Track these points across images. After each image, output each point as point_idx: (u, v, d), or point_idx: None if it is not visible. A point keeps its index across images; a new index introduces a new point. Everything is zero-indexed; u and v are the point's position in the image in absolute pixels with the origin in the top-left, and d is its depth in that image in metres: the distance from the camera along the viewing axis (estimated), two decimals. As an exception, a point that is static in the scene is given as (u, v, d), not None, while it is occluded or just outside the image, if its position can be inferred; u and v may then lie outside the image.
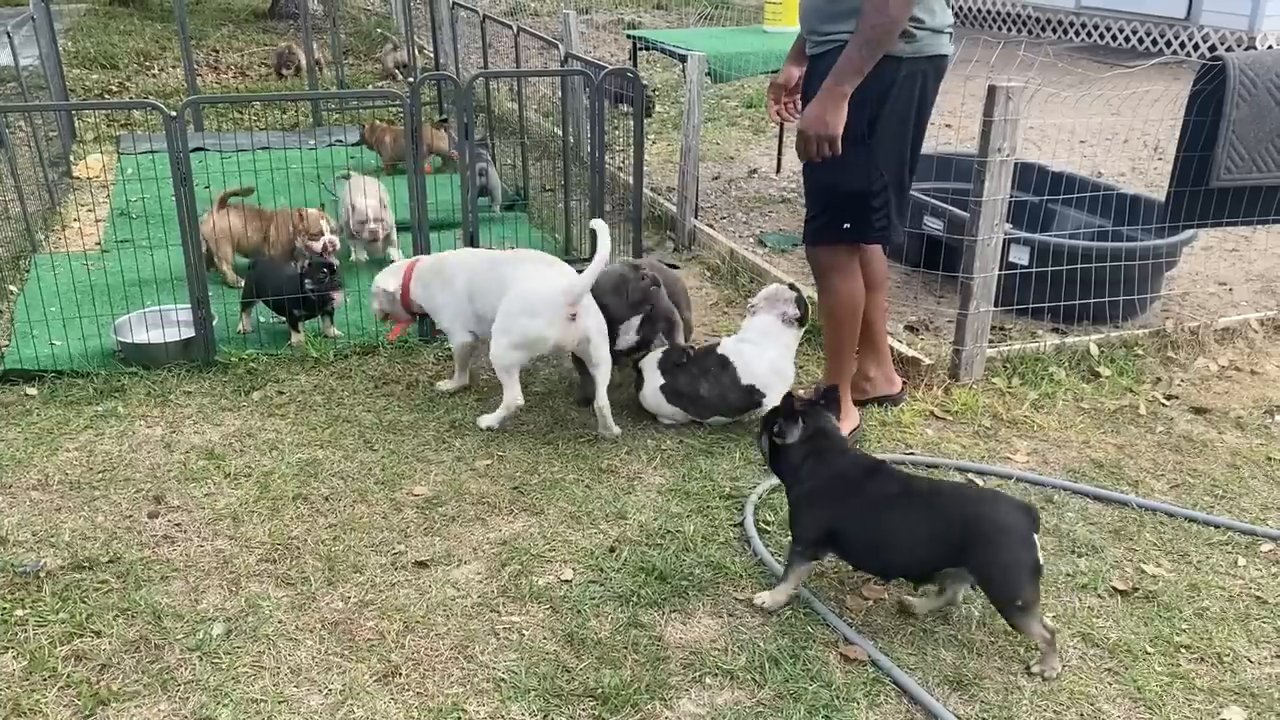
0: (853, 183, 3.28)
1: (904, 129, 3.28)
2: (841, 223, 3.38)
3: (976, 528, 2.58)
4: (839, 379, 3.65)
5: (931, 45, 3.19)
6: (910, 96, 3.22)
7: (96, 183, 6.52)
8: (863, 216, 3.34)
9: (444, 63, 8.76)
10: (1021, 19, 13.10)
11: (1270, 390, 4.11)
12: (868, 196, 3.31)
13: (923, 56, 3.18)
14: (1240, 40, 10.55)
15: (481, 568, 2.96)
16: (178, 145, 3.93)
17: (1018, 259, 4.46)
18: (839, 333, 3.60)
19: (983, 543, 2.57)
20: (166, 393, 3.96)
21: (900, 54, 3.13)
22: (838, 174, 3.26)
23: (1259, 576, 2.97)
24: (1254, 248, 5.64)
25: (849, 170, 3.25)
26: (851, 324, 3.57)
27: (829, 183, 3.32)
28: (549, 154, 7.19)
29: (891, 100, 3.18)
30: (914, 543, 2.66)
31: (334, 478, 3.41)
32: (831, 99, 3.09)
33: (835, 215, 3.37)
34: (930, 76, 3.24)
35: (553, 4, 14.37)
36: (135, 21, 13.00)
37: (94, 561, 2.96)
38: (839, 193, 3.32)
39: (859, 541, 2.73)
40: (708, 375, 3.67)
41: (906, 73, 3.16)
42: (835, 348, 3.64)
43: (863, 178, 3.27)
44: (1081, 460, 3.58)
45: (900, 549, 2.68)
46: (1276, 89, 4.01)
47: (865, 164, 3.26)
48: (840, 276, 3.49)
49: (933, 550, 2.63)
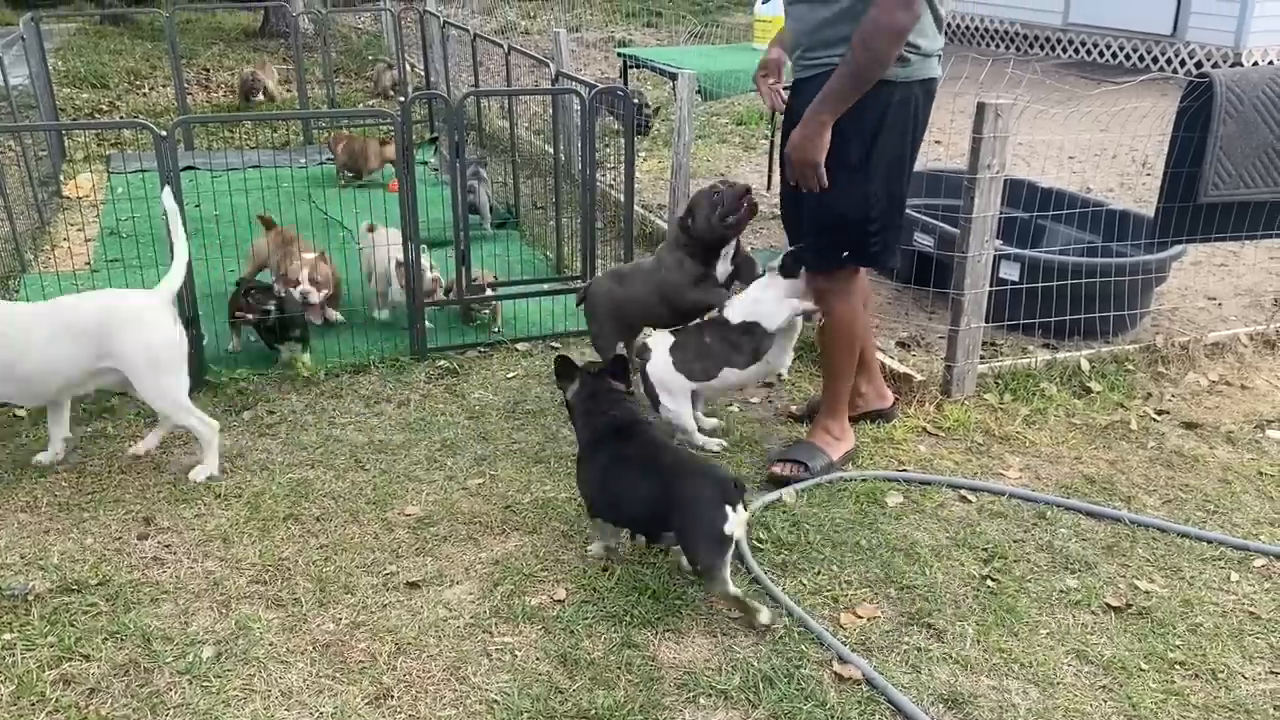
0: (851, 210, 3.29)
1: (900, 152, 3.29)
2: (840, 249, 3.38)
3: (675, 495, 2.78)
4: (835, 402, 3.64)
5: (924, 69, 3.21)
6: (905, 120, 3.24)
7: (86, 202, 6.51)
8: (861, 242, 3.35)
9: (435, 81, 8.78)
10: (1010, 36, 13.18)
11: (1260, 405, 4.13)
12: (865, 222, 3.31)
13: (915, 80, 3.19)
14: (1226, 56, 10.63)
15: (474, 588, 2.94)
16: (168, 165, 3.92)
17: (1008, 275, 4.47)
18: (836, 355, 3.60)
19: (679, 509, 2.76)
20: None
21: (894, 78, 3.14)
22: (837, 201, 3.26)
23: (1252, 592, 2.98)
24: (1242, 262, 5.67)
25: (848, 197, 3.26)
26: (849, 347, 3.57)
27: (828, 210, 3.31)
28: (540, 171, 7.21)
29: (887, 125, 3.20)
30: (638, 502, 2.87)
31: (325, 498, 3.39)
32: (814, 127, 3.12)
33: (833, 241, 3.37)
34: (923, 99, 3.26)
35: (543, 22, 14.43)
36: (126, 40, 13.01)
37: (83, 584, 2.94)
38: (838, 220, 3.32)
39: (604, 496, 2.97)
40: (712, 332, 3.66)
41: (900, 97, 3.18)
42: (833, 370, 3.64)
43: (860, 204, 3.28)
44: (1074, 476, 3.58)
45: (630, 506, 2.91)
46: (1263, 106, 4.04)
47: (863, 190, 3.26)
48: (837, 299, 3.50)
49: (648, 511, 2.85)
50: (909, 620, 2.83)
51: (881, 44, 3.02)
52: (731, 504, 2.71)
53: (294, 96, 9.22)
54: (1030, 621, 2.83)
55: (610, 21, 14.97)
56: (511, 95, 6.70)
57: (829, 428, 3.63)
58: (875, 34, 3.01)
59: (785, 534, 3.19)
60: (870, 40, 3.02)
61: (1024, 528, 3.28)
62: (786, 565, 3.06)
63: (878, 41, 3.01)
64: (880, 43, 3.02)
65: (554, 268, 5.48)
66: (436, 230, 5.53)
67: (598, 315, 4.06)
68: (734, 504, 2.72)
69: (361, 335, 4.66)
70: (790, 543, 3.16)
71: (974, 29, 13.65)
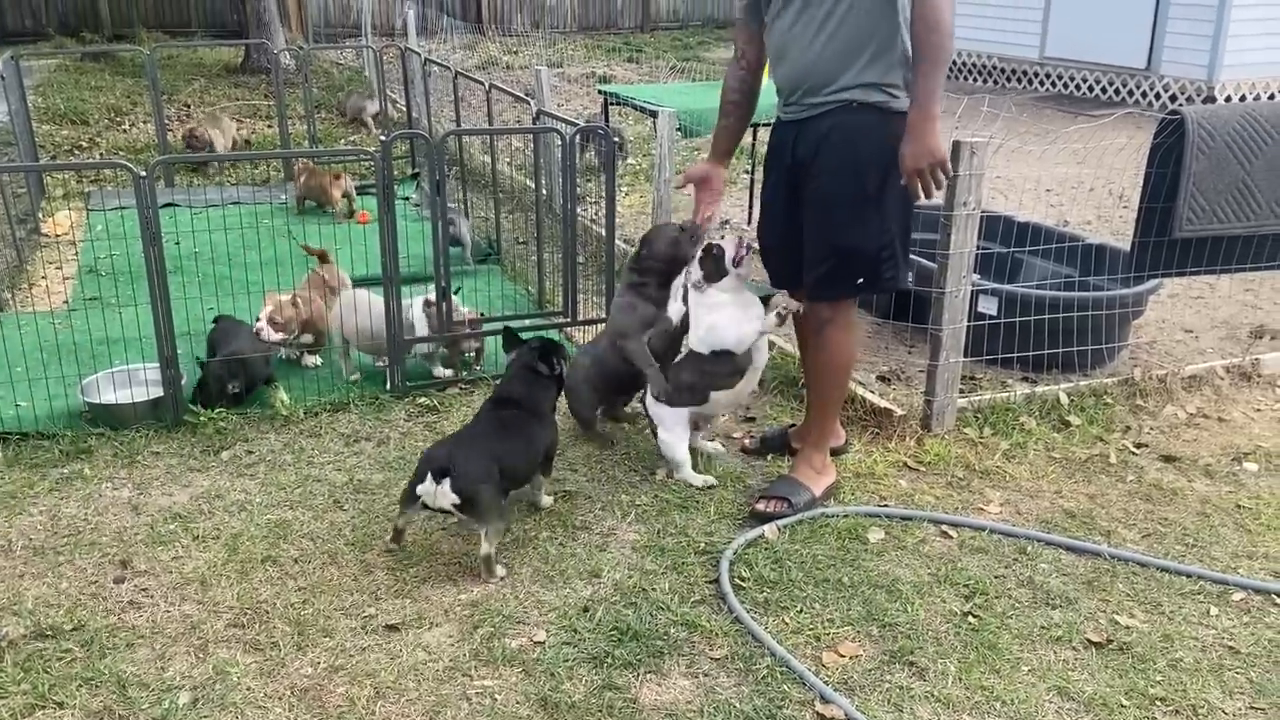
0: (867, 240, 3.32)
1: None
2: (855, 278, 3.40)
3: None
4: (820, 436, 3.65)
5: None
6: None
7: (65, 240, 6.48)
8: (875, 270, 3.38)
9: (417, 117, 8.81)
10: (987, 69, 13.34)
11: (1238, 437, 4.15)
12: (880, 250, 3.35)
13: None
14: (1199, 90, 10.79)
15: (453, 630, 2.92)
16: (147, 204, 3.92)
17: (986, 309, 4.50)
18: (828, 388, 3.61)
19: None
20: (134, 453, 3.91)
21: (896, 109, 3.21)
22: (853, 233, 3.30)
23: (1231, 626, 2.98)
24: (1218, 295, 5.72)
25: (864, 228, 3.30)
26: (842, 380, 3.59)
27: (847, 243, 3.33)
28: (522, 207, 7.23)
29: (894, 154, 3.23)
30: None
31: (304, 539, 3.37)
32: (929, 129, 3.14)
33: (848, 272, 3.39)
34: None
35: (525, 58, 14.52)
36: (106, 77, 12.99)
37: (57, 630, 2.90)
38: (854, 250, 3.35)
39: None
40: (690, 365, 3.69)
41: (901, 127, 3.22)
42: (821, 402, 3.64)
43: (877, 234, 3.32)
44: (1054, 510, 3.59)
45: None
46: (1233, 143, 4.09)
47: (879, 221, 3.31)
48: (836, 329, 3.51)
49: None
50: (891, 658, 2.83)
51: (948, 19, 3.06)
52: (434, 477, 3.08)
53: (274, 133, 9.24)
54: (1012, 658, 2.83)
55: (592, 57, 15.08)
56: (493, 134, 6.73)
57: (812, 461, 3.64)
58: (942, 10, 3.04)
59: (768, 571, 3.19)
60: (941, 18, 3.04)
61: (1005, 563, 3.28)
62: (769, 603, 3.05)
63: (946, 17, 3.05)
64: (947, 18, 3.06)
65: (536, 303, 5.49)
66: (417, 265, 5.53)
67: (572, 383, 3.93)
68: (435, 477, 3.07)
69: (340, 372, 4.64)
70: (773, 580, 3.15)
71: (953, 64, 13.80)
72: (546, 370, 3.48)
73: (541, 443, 3.43)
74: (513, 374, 3.53)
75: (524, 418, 3.40)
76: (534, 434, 3.40)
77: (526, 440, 3.37)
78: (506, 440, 3.31)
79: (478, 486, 3.10)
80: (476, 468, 3.12)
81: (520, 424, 3.38)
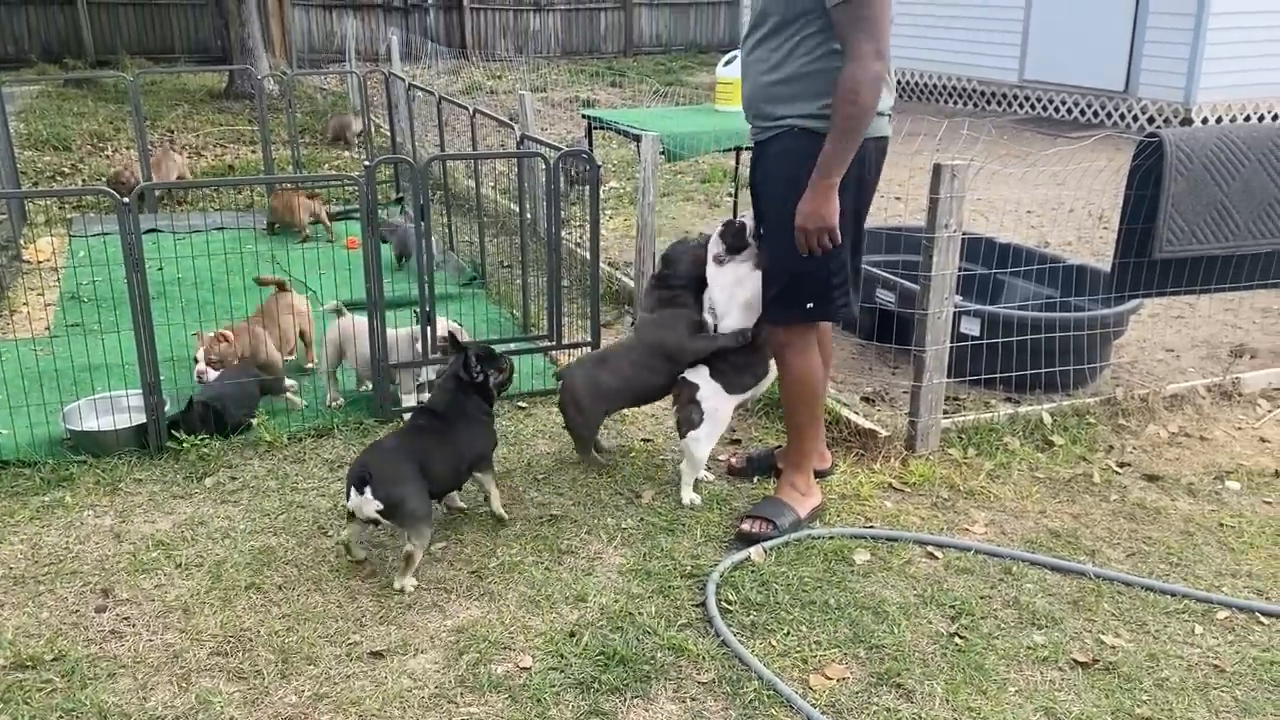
0: (814, 265, 3.34)
1: (855, 207, 3.35)
2: (805, 302, 3.42)
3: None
4: (800, 458, 3.65)
5: (877, 128, 3.28)
6: (861, 176, 3.30)
7: (47, 266, 6.46)
8: (825, 296, 3.39)
9: (400, 142, 8.83)
10: (967, 92, 13.46)
11: (1219, 456, 4.18)
12: (829, 276, 3.36)
13: (869, 138, 3.26)
14: (1176, 112, 10.91)
15: (438, 657, 2.90)
16: (129, 231, 3.91)
17: (969, 330, 4.53)
18: (798, 411, 3.62)
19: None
20: (116, 481, 3.88)
21: None
22: (804, 260, 3.32)
23: (1216, 645, 2.99)
24: (1198, 314, 5.77)
25: (814, 255, 3.31)
26: (810, 402, 3.59)
27: (791, 266, 3.36)
28: (506, 231, 7.24)
29: (845, 182, 3.25)
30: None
31: (288, 565, 3.34)
32: (823, 192, 3.19)
33: (797, 295, 3.41)
34: (875, 156, 3.33)
35: (509, 82, 14.57)
36: (89, 103, 12.98)
37: (38, 660, 2.87)
38: (801, 274, 3.37)
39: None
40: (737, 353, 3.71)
41: (856, 155, 3.24)
42: (795, 425, 3.65)
43: (822, 259, 3.33)
44: (1039, 530, 3.60)
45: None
46: (1211, 164, 4.14)
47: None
48: (794, 353, 3.52)
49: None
50: (878, 680, 2.82)
51: (867, 95, 3.09)
52: (356, 488, 3.19)
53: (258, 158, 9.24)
54: (998, 679, 2.83)
55: (575, 82, 15.15)
56: (477, 159, 6.75)
57: (795, 483, 3.64)
58: (859, 87, 3.08)
59: (754, 594, 3.18)
60: (858, 95, 3.08)
61: (990, 583, 3.28)
62: (755, 626, 3.05)
63: (864, 95, 3.08)
64: (866, 96, 3.09)
65: (521, 327, 5.49)
66: (401, 290, 5.53)
67: (580, 402, 3.93)
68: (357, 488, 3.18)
69: (325, 397, 4.62)
70: (759, 603, 3.15)
71: (932, 86, 13.93)
72: (467, 377, 3.50)
73: (469, 449, 3.47)
74: (441, 381, 3.60)
75: (446, 424, 3.45)
76: (458, 439, 3.45)
77: (450, 446, 3.42)
78: (426, 446, 3.38)
79: (395, 492, 3.18)
80: (393, 474, 3.21)
81: (442, 430, 3.44)
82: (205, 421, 4.14)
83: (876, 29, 3.06)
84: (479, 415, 3.55)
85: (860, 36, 3.06)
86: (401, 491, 3.20)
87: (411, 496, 3.22)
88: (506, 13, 19.58)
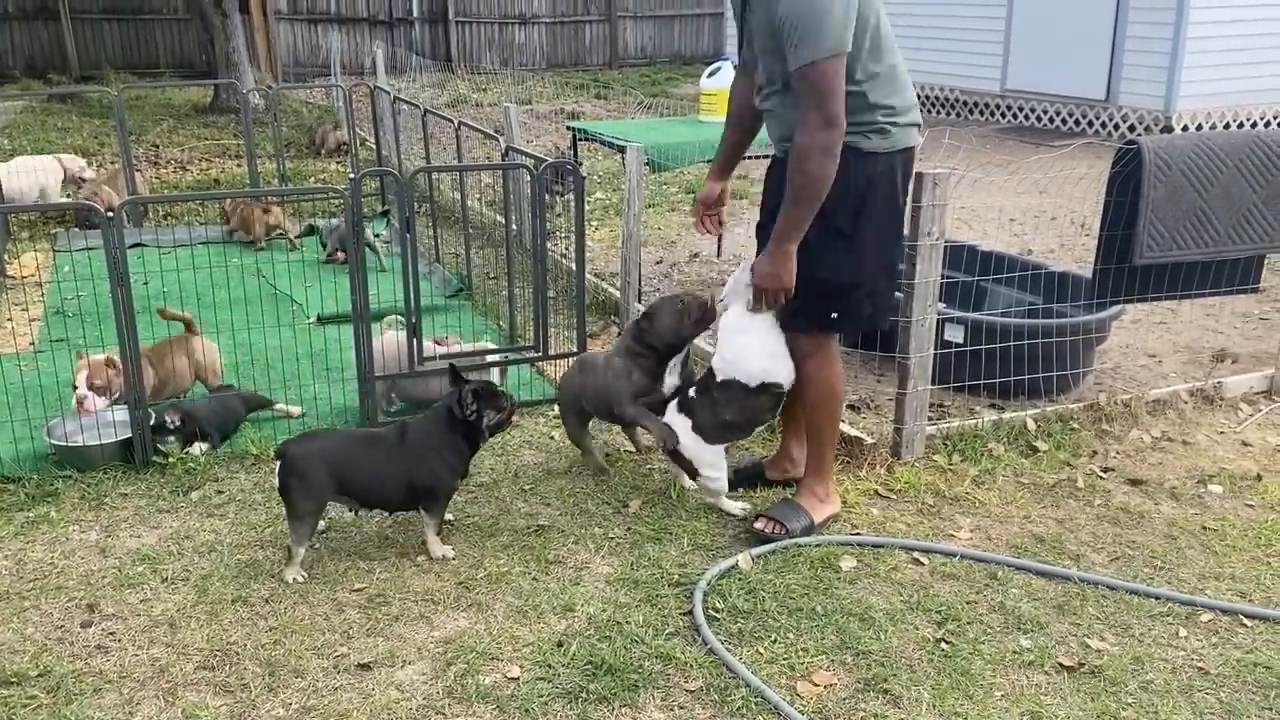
0: (841, 276, 3.37)
1: (887, 220, 3.39)
2: (828, 311, 3.44)
3: None
4: (820, 465, 3.66)
5: (904, 139, 3.33)
6: (891, 189, 3.35)
7: (31, 281, 6.44)
8: (850, 306, 3.43)
9: (386, 155, 8.84)
10: (950, 102, 13.55)
11: (1202, 460, 4.21)
12: (855, 288, 3.40)
13: (896, 150, 3.31)
14: (1157, 120, 11.00)
15: (426, 668, 2.90)
16: (114, 245, 3.91)
17: (953, 337, 4.55)
18: (819, 420, 3.63)
19: None
20: (102, 495, 3.87)
21: (878, 150, 3.27)
22: (826, 268, 3.35)
23: (1200, 647, 3.01)
24: (1180, 319, 5.81)
25: (836, 265, 3.35)
26: (833, 411, 3.61)
27: (818, 277, 3.37)
28: (492, 242, 7.25)
29: (873, 195, 3.29)
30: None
31: (274, 579, 3.34)
32: (781, 258, 3.27)
33: (822, 305, 3.43)
34: (903, 167, 3.37)
35: (495, 95, 14.60)
36: (74, 118, 12.96)
37: (22, 676, 2.86)
38: (827, 286, 3.39)
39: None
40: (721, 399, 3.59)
41: (884, 168, 3.29)
42: (816, 434, 3.66)
43: (850, 270, 3.36)
44: (1023, 535, 3.62)
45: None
46: (1189, 171, 4.18)
47: (853, 257, 3.36)
48: (817, 363, 3.54)
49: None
50: (865, 686, 2.83)
51: (813, 166, 3.14)
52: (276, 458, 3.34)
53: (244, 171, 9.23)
54: (985, 684, 2.84)
55: (561, 94, 15.19)
56: (462, 170, 6.77)
57: (815, 490, 3.66)
58: (806, 157, 3.14)
59: (741, 601, 3.19)
60: (804, 165, 3.14)
61: (976, 589, 3.30)
62: (743, 633, 3.06)
63: (810, 164, 3.14)
64: (812, 165, 3.14)
65: (508, 337, 5.49)
66: (388, 301, 5.53)
67: (562, 402, 4.17)
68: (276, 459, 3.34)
69: (311, 410, 4.62)
70: (746, 610, 3.16)
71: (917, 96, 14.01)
72: (460, 415, 3.42)
73: (406, 477, 3.41)
74: (434, 407, 3.56)
75: (405, 446, 3.43)
76: (411, 466, 3.41)
77: (396, 467, 3.40)
78: (360, 454, 3.42)
79: (288, 480, 3.29)
80: (298, 464, 3.30)
81: (389, 449, 3.44)
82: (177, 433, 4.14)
83: (823, 100, 3.08)
84: (445, 453, 3.44)
85: (807, 107, 3.11)
86: (293, 481, 3.30)
87: (301, 490, 3.30)
88: (492, 26, 19.62)
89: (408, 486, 3.42)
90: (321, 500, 3.37)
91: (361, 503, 3.47)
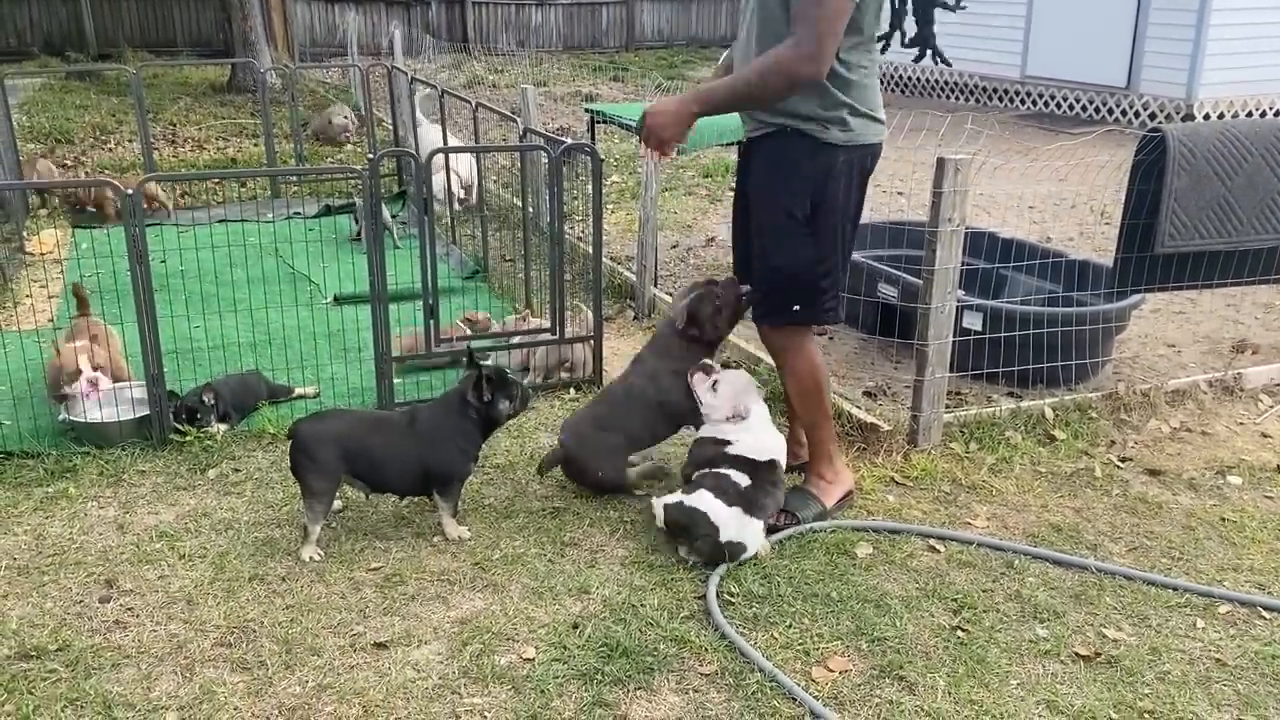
0: (801, 266, 3.36)
1: (845, 213, 3.37)
2: (790, 304, 3.43)
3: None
4: (821, 447, 3.65)
5: (866, 134, 3.29)
6: (849, 182, 3.33)
7: (50, 259, 6.46)
8: (811, 297, 3.40)
9: (403, 135, 8.83)
10: (969, 88, 13.45)
11: (1221, 451, 4.18)
12: (815, 279, 3.38)
13: (857, 145, 3.28)
14: (1178, 108, 10.90)
15: (442, 648, 2.91)
16: (133, 223, 3.91)
17: (971, 325, 4.53)
18: (807, 406, 3.62)
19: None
20: (120, 472, 3.89)
21: (837, 142, 3.25)
22: (785, 256, 3.35)
23: (1218, 639, 3.00)
24: (1200, 309, 5.77)
25: (795, 253, 3.34)
26: (817, 395, 3.60)
27: (776, 265, 3.38)
28: (509, 225, 7.24)
29: (832, 186, 3.28)
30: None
31: (291, 557, 3.35)
32: (683, 113, 3.21)
33: (783, 296, 3.42)
34: (864, 162, 3.34)
35: (511, 77, 14.56)
36: (92, 96, 12.98)
37: (42, 650, 2.88)
38: (789, 277, 3.38)
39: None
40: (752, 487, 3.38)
41: (844, 159, 3.27)
42: (808, 421, 3.66)
43: (809, 259, 3.34)
44: (1040, 524, 3.61)
45: None
46: (1213, 159, 4.14)
47: (811, 246, 3.34)
48: (795, 355, 3.53)
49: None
50: (880, 673, 2.83)
51: (772, 81, 3.10)
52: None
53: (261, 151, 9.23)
54: (1001, 672, 2.84)
55: (577, 76, 15.14)
56: (479, 152, 6.75)
57: (821, 473, 3.66)
58: (773, 70, 3.09)
59: (756, 587, 3.19)
60: (765, 74, 3.10)
61: (992, 577, 3.29)
62: (758, 618, 3.06)
63: (771, 78, 3.09)
64: (772, 79, 3.10)
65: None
66: (405, 282, 5.53)
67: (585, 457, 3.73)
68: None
69: (329, 390, 4.63)
70: (761, 595, 3.16)
71: (935, 82, 13.92)
72: (475, 402, 3.41)
73: (418, 461, 3.41)
74: (448, 391, 3.57)
75: (418, 430, 3.45)
76: (424, 451, 3.41)
77: (397, 448, 3.43)
78: (370, 437, 3.44)
79: (298, 458, 3.35)
80: (309, 443, 3.35)
81: (401, 433, 3.47)
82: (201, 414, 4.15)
83: (817, 28, 3.00)
84: (458, 439, 3.43)
85: (799, 28, 3.04)
86: (301, 461, 3.34)
87: (308, 469, 3.34)
88: (508, 7, 19.55)
89: (421, 471, 3.43)
90: (334, 479, 3.38)
91: (371, 485, 3.47)
